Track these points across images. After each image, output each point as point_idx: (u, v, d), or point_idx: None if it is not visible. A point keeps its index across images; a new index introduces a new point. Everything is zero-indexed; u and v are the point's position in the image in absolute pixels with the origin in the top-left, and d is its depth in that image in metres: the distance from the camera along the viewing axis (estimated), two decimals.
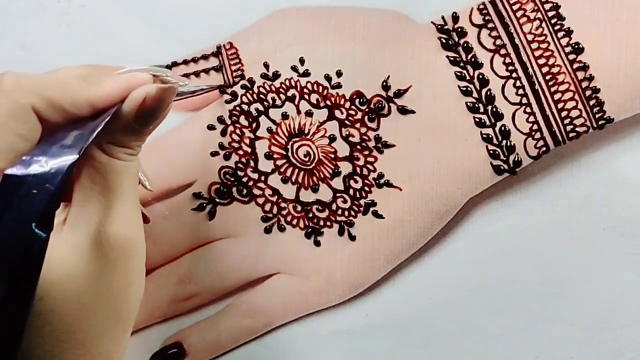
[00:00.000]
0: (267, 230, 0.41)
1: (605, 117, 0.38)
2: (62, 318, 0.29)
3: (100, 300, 0.30)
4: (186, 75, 0.42)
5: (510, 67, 0.38)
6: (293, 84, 0.40)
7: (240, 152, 0.41)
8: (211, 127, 0.41)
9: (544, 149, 0.38)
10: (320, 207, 0.41)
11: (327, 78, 0.40)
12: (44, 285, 0.28)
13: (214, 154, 0.41)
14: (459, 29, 0.39)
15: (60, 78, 0.30)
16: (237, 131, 0.41)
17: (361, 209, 0.40)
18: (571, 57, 0.37)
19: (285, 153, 0.41)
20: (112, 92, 0.30)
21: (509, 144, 0.38)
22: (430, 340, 0.42)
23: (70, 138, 0.28)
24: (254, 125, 0.41)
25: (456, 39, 0.39)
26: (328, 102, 0.40)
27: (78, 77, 0.30)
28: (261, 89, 0.41)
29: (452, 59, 0.39)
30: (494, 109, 0.38)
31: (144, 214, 0.38)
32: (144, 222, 0.38)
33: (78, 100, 0.29)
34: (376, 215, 0.40)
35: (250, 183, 0.41)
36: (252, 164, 0.41)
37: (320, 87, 0.40)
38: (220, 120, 0.41)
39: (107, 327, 0.31)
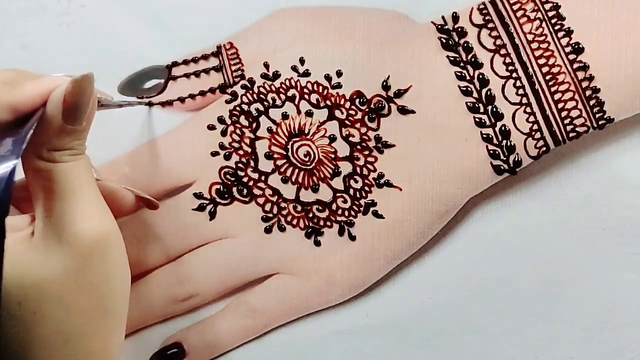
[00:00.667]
0: (268, 230, 0.41)
1: (605, 117, 0.38)
2: (46, 320, 0.29)
3: (82, 298, 0.30)
4: (186, 76, 0.42)
5: (510, 67, 0.38)
6: (293, 84, 0.40)
7: (241, 152, 0.41)
8: (211, 127, 0.41)
9: (544, 149, 0.38)
10: (320, 207, 0.41)
11: (327, 78, 0.40)
12: (21, 290, 0.29)
13: (214, 154, 0.41)
14: (459, 29, 0.39)
15: None
16: (238, 131, 0.41)
17: (361, 208, 0.40)
18: (571, 57, 0.37)
19: (285, 153, 0.41)
20: (33, 94, 0.30)
21: (509, 143, 0.38)
22: (430, 340, 0.42)
23: (4, 147, 0.28)
24: (254, 125, 0.41)
25: (456, 39, 0.39)
26: (328, 102, 0.40)
27: (1, 82, 0.30)
28: (261, 89, 0.41)
29: (452, 58, 0.39)
30: (494, 109, 0.38)
31: (149, 200, 0.38)
32: (151, 208, 0.39)
33: (0, 104, 0.30)
34: (376, 215, 0.40)
35: (251, 183, 0.41)
36: (252, 164, 0.41)
37: (321, 87, 0.40)
38: (221, 120, 0.41)
39: (95, 324, 0.31)
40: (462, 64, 0.38)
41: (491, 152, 0.38)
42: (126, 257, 0.33)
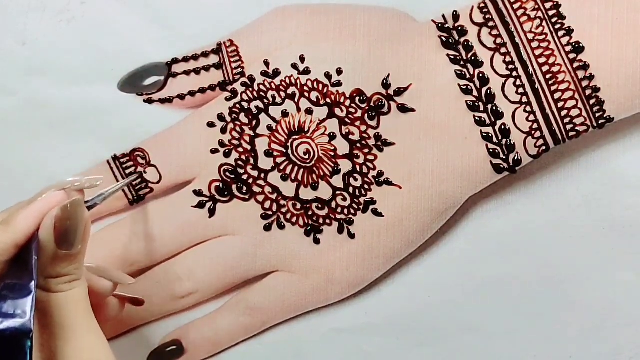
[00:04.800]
0: (267, 228, 0.41)
1: (605, 116, 0.38)
2: None
3: None
4: (186, 73, 0.42)
5: (510, 66, 0.38)
6: (293, 81, 0.40)
7: (240, 150, 0.41)
8: (211, 125, 0.41)
9: (544, 147, 0.38)
10: (319, 205, 0.41)
11: (328, 76, 0.40)
12: None
13: (214, 151, 0.41)
14: (460, 28, 0.39)
15: None
16: (237, 129, 0.41)
17: (361, 207, 0.40)
18: (571, 56, 0.37)
19: (285, 151, 0.41)
20: (28, 226, 0.30)
21: (508, 142, 0.38)
22: (428, 338, 0.42)
23: (16, 279, 0.29)
24: (254, 122, 0.41)
25: (457, 38, 0.39)
26: (328, 100, 0.40)
27: None
28: (261, 87, 0.41)
29: (452, 57, 0.39)
30: (494, 108, 0.38)
31: (134, 298, 0.38)
32: (136, 305, 0.38)
33: (2, 248, 0.30)
34: (376, 213, 0.40)
35: (250, 180, 0.41)
36: (252, 161, 0.41)
37: (321, 85, 0.40)
38: (220, 117, 0.41)
39: None
40: (462, 63, 0.38)
41: (491, 150, 0.38)
42: None
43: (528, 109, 0.38)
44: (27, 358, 0.27)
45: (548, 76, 0.37)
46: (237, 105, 0.41)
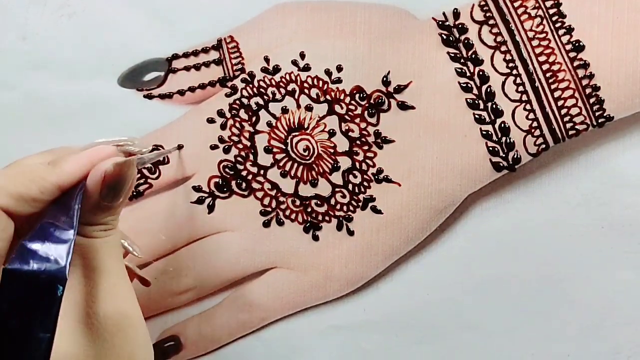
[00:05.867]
0: (266, 224, 0.41)
1: (605, 115, 0.38)
2: None
3: None
4: (186, 68, 0.42)
5: (510, 64, 0.38)
6: (293, 78, 0.40)
7: (240, 146, 0.41)
8: (211, 121, 0.41)
9: (544, 146, 0.38)
10: (319, 202, 0.41)
11: (328, 73, 0.40)
12: None
13: (213, 147, 0.41)
14: (460, 25, 0.39)
15: (26, 168, 0.30)
16: (237, 125, 0.41)
17: (360, 204, 0.40)
18: (572, 54, 0.37)
19: (284, 147, 0.41)
20: (75, 171, 0.30)
21: (508, 140, 0.38)
22: (427, 336, 0.42)
23: (55, 221, 0.29)
24: (254, 119, 0.41)
25: (457, 35, 0.39)
26: (328, 97, 0.40)
27: (42, 164, 0.31)
28: (261, 83, 0.41)
29: (452, 55, 0.39)
30: (494, 106, 0.38)
31: (142, 277, 0.38)
32: (144, 284, 0.39)
33: (46, 187, 0.30)
34: (375, 210, 0.40)
35: (250, 177, 0.41)
36: (251, 157, 0.41)
37: (321, 82, 0.40)
38: (220, 113, 0.41)
39: None
40: (462, 61, 0.38)
41: (490, 148, 0.38)
42: (149, 337, 0.32)
43: (528, 107, 0.38)
44: (57, 305, 0.27)
45: (548, 75, 0.37)
46: (237, 102, 0.41)
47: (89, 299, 0.30)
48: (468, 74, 0.38)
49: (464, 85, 0.38)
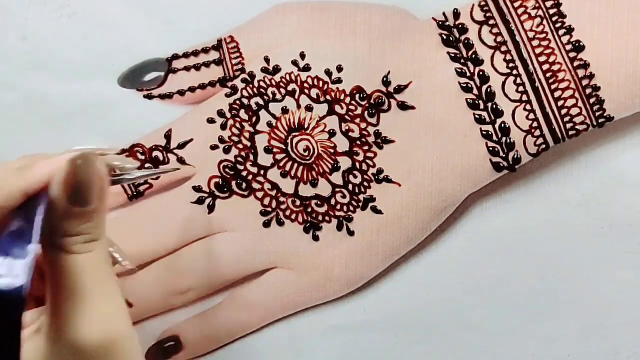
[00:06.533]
0: (266, 224, 0.41)
1: (605, 115, 0.38)
2: None
3: None
4: (186, 68, 0.42)
5: (510, 64, 0.38)
6: (293, 78, 0.40)
7: (240, 146, 0.41)
8: (211, 121, 0.41)
9: (544, 146, 0.38)
10: (319, 202, 0.41)
11: (328, 73, 0.40)
12: None
13: (213, 147, 0.41)
14: (460, 25, 0.39)
15: None
16: (237, 125, 0.41)
17: (360, 204, 0.40)
18: (572, 54, 0.37)
19: (284, 147, 0.41)
20: (42, 176, 0.28)
21: (508, 140, 0.38)
22: (427, 336, 0.42)
23: (17, 232, 0.26)
24: (254, 119, 0.41)
25: (457, 35, 0.39)
26: (328, 97, 0.40)
27: (13, 170, 0.28)
28: (261, 83, 0.41)
29: (452, 55, 0.39)
30: (494, 106, 0.38)
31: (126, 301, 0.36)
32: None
33: (12, 193, 0.28)
34: (375, 210, 0.40)
35: (250, 177, 0.41)
36: (251, 157, 0.41)
37: (321, 82, 0.40)
38: (220, 113, 0.41)
39: None
40: (462, 61, 0.38)
41: (490, 148, 0.38)
42: (139, 354, 0.30)
43: (528, 107, 0.38)
44: (16, 328, 0.24)
45: (548, 75, 0.37)
46: (237, 102, 0.41)
47: (72, 324, 0.28)
48: (468, 74, 0.38)
49: (464, 85, 0.38)
